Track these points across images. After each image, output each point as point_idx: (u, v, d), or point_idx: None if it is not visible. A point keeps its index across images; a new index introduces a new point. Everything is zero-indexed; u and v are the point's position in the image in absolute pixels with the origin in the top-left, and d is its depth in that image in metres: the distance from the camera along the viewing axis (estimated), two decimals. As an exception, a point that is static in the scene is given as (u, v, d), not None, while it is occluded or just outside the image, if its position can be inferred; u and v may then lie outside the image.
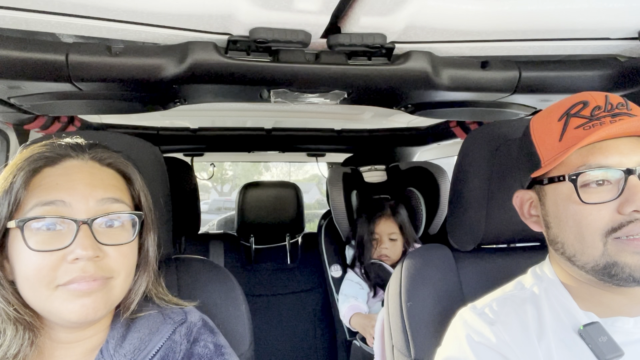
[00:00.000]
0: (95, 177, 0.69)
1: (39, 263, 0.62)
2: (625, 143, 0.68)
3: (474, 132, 1.01)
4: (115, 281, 0.68)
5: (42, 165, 0.67)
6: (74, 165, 0.69)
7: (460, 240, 1.01)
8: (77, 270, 0.63)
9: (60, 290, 0.63)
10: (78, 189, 0.66)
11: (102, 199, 0.68)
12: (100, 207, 0.67)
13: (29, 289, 0.64)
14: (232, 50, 0.88)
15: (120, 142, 0.87)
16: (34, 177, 0.66)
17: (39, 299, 0.64)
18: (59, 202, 0.65)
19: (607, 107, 0.70)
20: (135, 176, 0.75)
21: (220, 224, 5.52)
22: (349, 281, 1.89)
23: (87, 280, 0.64)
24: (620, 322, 0.70)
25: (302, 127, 2.17)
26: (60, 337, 0.69)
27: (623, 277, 0.66)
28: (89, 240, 0.64)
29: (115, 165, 0.73)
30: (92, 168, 0.70)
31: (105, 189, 0.69)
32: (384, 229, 1.83)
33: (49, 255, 0.63)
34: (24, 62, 0.84)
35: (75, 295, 0.63)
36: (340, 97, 1.14)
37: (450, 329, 0.79)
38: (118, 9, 0.73)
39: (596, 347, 0.67)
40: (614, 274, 0.66)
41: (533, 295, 0.77)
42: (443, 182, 1.97)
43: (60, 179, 0.67)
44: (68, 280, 0.63)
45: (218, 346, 0.76)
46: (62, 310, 0.63)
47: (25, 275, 0.63)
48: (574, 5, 0.77)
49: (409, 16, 0.78)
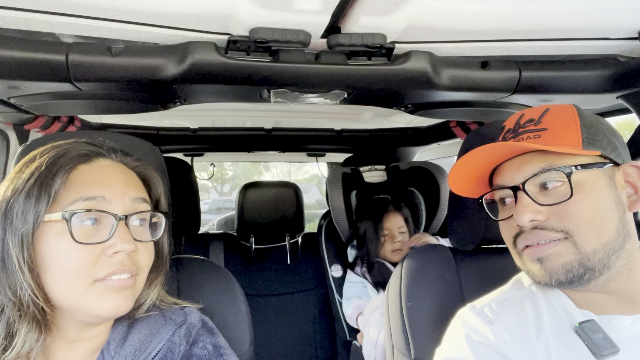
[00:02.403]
0: (127, 177, 0.73)
1: (80, 256, 0.64)
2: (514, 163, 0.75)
3: (474, 132, 1.01)
4: (139, 278, 0.71)
5: (78, 162, 0.69)
6: (108, 164, 0.73)
7: (460, 240, 1.01)
8: (116, 263, 0.66)
9: (97, 285, 0.65)
10: (116, 186, 0.69)
11: (135, 197, 0.71)
12: (133, 205, 0.71)
13: (65, 283, 0.64)
14: (232, 50, 0.88)
15: (120, 142, 0.87)
16: (71, 173, 0.68)
17: (73, 294, 0.65)
18: (99, 197, 0.67)
19: (515, 128, 0.77)
20: (154, 179, 0.79)
21: (220, 224, 5.53)
22: (350, 283, 1.88)
23: (122, 275, 0.66)
24: (617, 320, 0.71)
25: (302, 127, 2.17)
26: (67, 336, 0.70)
27: (549, 282, 0.72)
28: (128, 234, 0.68)
29: (138, 170, 0.77)
30: (122, 169, 0.74)
31: (137, 189, 0.73)
32: (393, 224, 1.84)
33: (90, 248, 0.65)
34: (24, 62, 0.84)
35: (110, 291, 0.66)
36: (340, 97, 1.14)
37: (450, 329, 0.80)
38: (118, 9, 0.73)
39: (592, 344, 0.67)
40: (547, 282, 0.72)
41: (531, 294, 0.77)
42: (443, 182, 1.97)
43: (98, 176, 0.69)
44: (106, 274, 0.65)
45: (217, 347, 0.76)
46: (95, 306, 0.65)
47: (64, 269, 0.64)
48: (574, 5, 0.77)
49: (409, 16, 0.78)
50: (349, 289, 1.87)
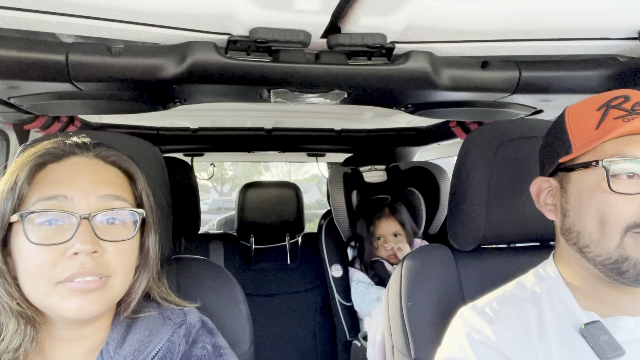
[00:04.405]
0: (98, 174, 0.70)
1: (39, 258, 0.63)
2: None
3: (474, 132, 1.01)
4: (113, 280, 0.67)
5: (46, 160, 0.68)
6: (78, 162, 0.70)
7: (460, 240, 1.01)
8: (76, 265, 0.63)
9: (60, 287, 0.63)
10: (80, 184, 0.67)
11: (104, 195, 0.68)
12: (102, 203, 0.67)
13: (30, 285, 0.64)
14: (232, 50, 0.88)
15: (120, 142, 0.87)
16: (38, 173, 0.67)
17: (38, 295, 0.64)
18: (61, 196, 0.65)
19: None
20: (137, 175, 0.75)
21: (220, 224, 5.52)
22: (361, 283, 1.82)
23: (86, 277, 0.63)
24: (622, 322, 0.70)
25: (302, 127, 2.17)
26: (61, 335, 0.69)
27: (632, 274, 0.65)
28: (88, 235, 0.64)
29: (119, 164, 0.74)
30: (95, 165, 0.71)
31: (107, 186, 0.69)
32: (386, 230, 1.84)
33: (49, 249, 0.63)
34: (24, 62, 0.84)
35: (74, 294, 0.63)
36: (340, 97, 1.14)
37: (451, 328, 0.79)
38: (118, 9, 0.73)
39: (597, 346, 0.67)
40: (624, 270, 0.66)
41: (534, 294, 0.77)
42: (443, 182, 1.97)
43: (63, 174, 0.67)
44: (67, 277, 0.63)
45: (217, 347, 0.76)
46: (60, 308, 0.64)
47: (27, 270, 0.64)
48: (574, 5, 0.77)
49: (409, 16, 0.78)
50: (365, 291, 1.79)
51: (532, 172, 0.89)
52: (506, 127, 0.98)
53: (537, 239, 1.00)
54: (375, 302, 1.74)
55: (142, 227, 0.74)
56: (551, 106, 1.23)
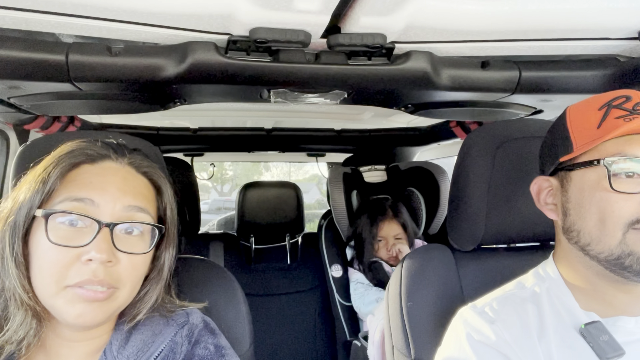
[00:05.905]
0: (127, 182, 0.70)
1: (54, 258, 0.63)
2: None
3: (474, 132, 1.01)
4: (119, 292, 0.67)
5: (81, 161, 0.68)
6: (110, 167, 0.70)
7: (460, 240, 1.01)
8: (89, 272, 0.63)
9: (67, 291, 0.63)
10: (109, 190, 0.67)
11: (129, 205, 0.68)
12: (125, 213, 0.68)
13: (40, 282, 0.64)
14: (232, 50, 0.88)
15: (120, 142, 0.87)
16: (70, 171, 0.67)
17: (46, 294, 0.64)
18: (87, 200, 0.65)
19: None
20: (165, 188, 0.76)
21: (220, 224, 5.53)
22: (360, 284, 1.82)
23: (96, 286, 0.63)
24: (622, 322, 0.70)
25: (302, 127, 2.17)
26: (65, 334, 0.70)
27: (636, 268, 0.65)
28: (105, 244, 0.64)
29: (150, 175, 0.74)
30: (127, 173, 0.71)
31: (134, 197, 0.69)
32: (388, 232, 1.83)
33: (65, 251, 0.63)
34: (24, 62, 0.84)
35: (79, 300, 0.63)
36: (340, 97, 1.14)
37: (451, 328, 0.79)
38: (118, 9, 0.73)
39: (597, 346, 0.67)
40: (627, 264, 0.66)
41: (534, 295, 0.77)
42: (443, 182, 1.97)
43: (95, 178, 0.68)
44: (77, 282, 0.63)
45: (219, 347, 0.76)
46: (63, 311, 0.64)
47: (40, 267, 0.64)
48: (574, 5, 0.77)
49: (409, 16, 0.78)
50: (364, 292, 1.79)
51: (532, 172, 0.89)
52: (506, 127, 0.98)
53: (537, 239, 1.00)
54: (374, 303, 1.73)
55: (160, 240, 0.73)
56: (551, 106, 1.23)
